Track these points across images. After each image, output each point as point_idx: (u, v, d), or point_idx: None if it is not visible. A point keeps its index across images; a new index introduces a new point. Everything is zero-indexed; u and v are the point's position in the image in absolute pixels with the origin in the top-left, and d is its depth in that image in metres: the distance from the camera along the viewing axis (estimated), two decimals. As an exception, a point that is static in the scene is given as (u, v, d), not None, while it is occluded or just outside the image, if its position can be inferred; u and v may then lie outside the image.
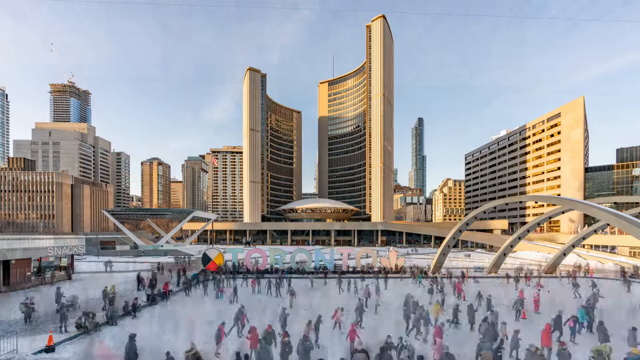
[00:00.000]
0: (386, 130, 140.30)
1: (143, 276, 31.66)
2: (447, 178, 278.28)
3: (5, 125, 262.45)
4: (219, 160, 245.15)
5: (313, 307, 23.69)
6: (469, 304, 19.75)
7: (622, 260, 55.09)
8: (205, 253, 41.35)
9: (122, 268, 46.99)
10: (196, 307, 24.65)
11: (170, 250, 68.49)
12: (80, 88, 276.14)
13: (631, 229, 24.93)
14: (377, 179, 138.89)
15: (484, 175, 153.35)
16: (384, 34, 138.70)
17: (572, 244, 41.40)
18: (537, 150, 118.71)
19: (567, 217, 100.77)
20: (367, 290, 25.42)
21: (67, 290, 28.28)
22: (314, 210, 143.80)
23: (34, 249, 33.19)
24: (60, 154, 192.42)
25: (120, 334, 17.36)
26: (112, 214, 74.43)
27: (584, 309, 18.43)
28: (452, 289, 29.57)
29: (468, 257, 66.38)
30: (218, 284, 30.84)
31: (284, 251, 42.84)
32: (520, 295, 22.77)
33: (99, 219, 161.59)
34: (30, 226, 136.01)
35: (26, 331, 18.23)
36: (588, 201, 43.34)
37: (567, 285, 33.76)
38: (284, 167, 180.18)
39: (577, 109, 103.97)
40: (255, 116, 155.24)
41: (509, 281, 35.55)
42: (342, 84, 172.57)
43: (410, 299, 20.63)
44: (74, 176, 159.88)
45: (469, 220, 41.46)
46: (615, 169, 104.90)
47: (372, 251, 46.44)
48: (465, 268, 43.01)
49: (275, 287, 29.61)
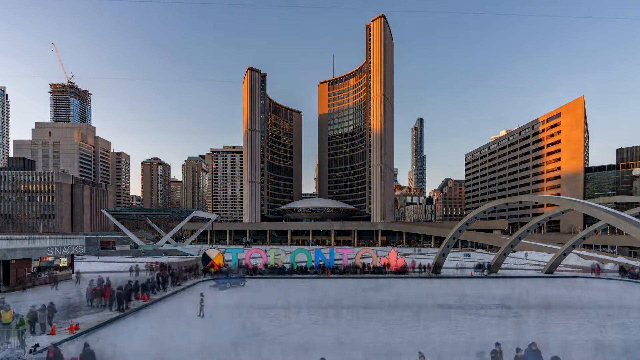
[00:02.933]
0: (386, 130, 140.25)
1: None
2: (447, 178, 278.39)
3: (5, 125, 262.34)
4: (218, 160, 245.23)
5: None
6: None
7: (622, 260, 55.08)
8: (205, 253, 41.35)
9: (121, 268, 46.94)
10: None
11: (170, 250, 68.47)
12: (80, 88, 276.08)
13: (631, 229, 24.92)
14: (377, 179, 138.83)
15: (484, 175, 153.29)
16: (384, 34, 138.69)
17: (572, 244, 41.42)
18: (537, 150, 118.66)
19: (567, 217, 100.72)
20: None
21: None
22: (314, 210, 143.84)
23: (34, 249, 33.16)
24: (60, 154, 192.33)
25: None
26: (112, 214, 74.40)
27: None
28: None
29: (468, 257, 66.39)
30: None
31: (284, 251, 42.86)
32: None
33: (99, 219, 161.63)
34: (30, 226, 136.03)
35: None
36: (588, 201, 43.34)
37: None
38: (284, 167, 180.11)
39: (577, 109, 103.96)
40: (255, 116, 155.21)
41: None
42: (342, 84, 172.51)
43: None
44: (74, 176, 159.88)
45: (468, 220, 41.46)
46: (615, 169, 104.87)
47: (372, 251, 46.42)
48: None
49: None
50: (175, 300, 28.09)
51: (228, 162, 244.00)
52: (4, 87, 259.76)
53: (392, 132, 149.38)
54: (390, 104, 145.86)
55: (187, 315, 22.33)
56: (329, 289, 32.35)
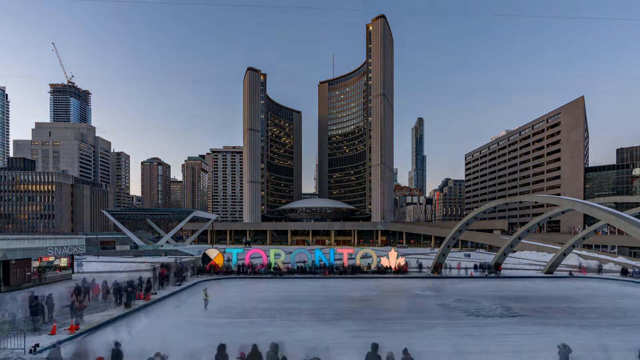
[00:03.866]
0: (386, 130, 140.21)
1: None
2: (447, 178, 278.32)
3: (5, 125, 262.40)
4: (218, 160, 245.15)
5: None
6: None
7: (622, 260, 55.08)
8: (205, 253, 41.33)
9: (120, 268, 46.94)
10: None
11: (170, 250, 68.46)
12: (80, 88, 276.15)
13: (631, 229, 24.91)
14: (377, 179, 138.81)
15: (484, 175, 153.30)
16: (384, 34, 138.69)
17: (572, 244, 41.42)
18: (537, 150, 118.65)
19: (567, 217, 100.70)
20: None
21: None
22: (314, 210, 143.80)
23: (34, 249, 33.14)
24: (60, 154, 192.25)
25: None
26: (112, 214, 74.40)
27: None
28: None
29: (468, 257, 66.37)
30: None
31: (284, 251, 42.82)
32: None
33: (99, 219, 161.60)
34: (30, 226, 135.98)
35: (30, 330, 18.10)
36: (588, 201, 43.32)
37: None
38: (284, 167, 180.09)
39: (577, 109, 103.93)
40: (255, 116, 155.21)
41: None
42: (342, 84, 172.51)
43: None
44: (74, 176, 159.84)
45: (468, 220, 41.46)
46: (615, 169, 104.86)
47: (371, 251, 46.34)
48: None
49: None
50: (177, 297, 28.09)
51: (228, 162, 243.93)
52: (4, 87, 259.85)
53: (392, 132, 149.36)
54: (390, 104, 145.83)
55: (192, 311, 22.54)
56: (335, 289, 32.30)
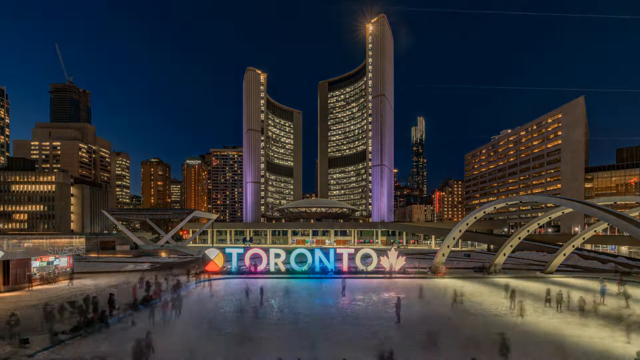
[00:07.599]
0: (386, 131, 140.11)
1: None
2: (447, 178, 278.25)
3: (5, 125, 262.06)
4: (218, 160, 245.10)
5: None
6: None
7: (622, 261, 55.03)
8: (205, 253, 41.32)
9: (119, 268, 46.96)
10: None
11: (170, 250, 68.45)
12: (80, 88, 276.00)
13: (631, 229, 24.91)
14: (377, 179, 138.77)
15: (484, 175, 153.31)
16: (384, 34, 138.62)
17: (572, 244, 41.41)
18: (537, 150, 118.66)
19: (567, 217, 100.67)
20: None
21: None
22: (314, 210, 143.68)
23: (34, 249, 33.16)
24: (60, 154, 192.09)
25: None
26: (112, 214, 74.41)
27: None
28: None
29: (468, 257, 66.35)
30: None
31: (284, 251, 42.77)
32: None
33: (99, 219, 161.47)
34: (30, 226, 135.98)
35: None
36: (588, 201, 43.31)
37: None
38: (284, 167, 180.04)
39: (577, 109, 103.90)
40: (255, 116, 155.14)
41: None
42: (342, 84, 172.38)
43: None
44: (74, 176, 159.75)
45: (468, 220, 41.47)
46: (615, 169, 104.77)
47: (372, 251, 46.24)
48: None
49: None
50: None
51: (228, 162, 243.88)
52: (4, 87, 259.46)
53: (392, 132, 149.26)
54: (390, 104, 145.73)
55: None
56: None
